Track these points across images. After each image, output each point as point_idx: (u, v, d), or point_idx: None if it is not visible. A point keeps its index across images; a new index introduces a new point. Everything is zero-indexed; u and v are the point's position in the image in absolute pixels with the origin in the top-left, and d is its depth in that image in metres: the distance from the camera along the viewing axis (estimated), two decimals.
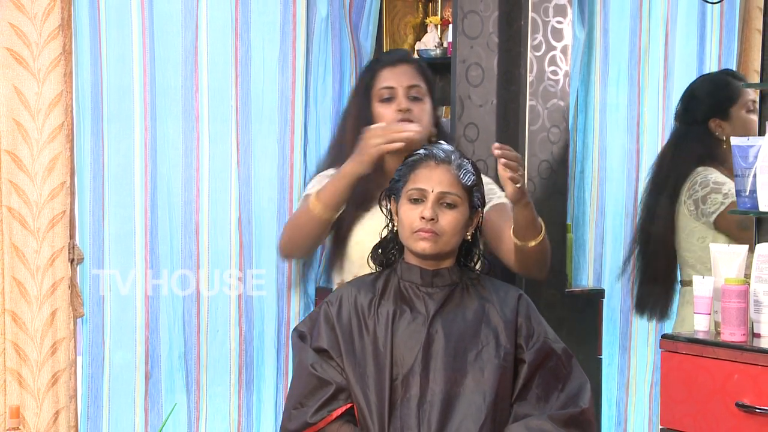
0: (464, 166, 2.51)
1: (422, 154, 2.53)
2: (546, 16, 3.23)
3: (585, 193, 3.78)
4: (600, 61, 3.79)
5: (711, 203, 3.18)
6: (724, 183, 3.19)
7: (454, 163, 2.50)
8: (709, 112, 3.28)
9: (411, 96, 2.79)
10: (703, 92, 3.32)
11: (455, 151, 2.55)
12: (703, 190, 3.20)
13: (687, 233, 3.24)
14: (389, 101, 2.78)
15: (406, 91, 2.78)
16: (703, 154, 3.27)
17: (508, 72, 3.24)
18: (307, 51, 3.33)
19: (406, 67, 2.82)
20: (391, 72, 2.80)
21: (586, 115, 3.80)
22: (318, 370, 2.45)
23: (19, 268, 2.68)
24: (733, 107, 3.28)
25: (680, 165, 3.28)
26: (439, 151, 2.52)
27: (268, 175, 3.29)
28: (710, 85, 3.34)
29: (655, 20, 3.88)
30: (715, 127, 3.27)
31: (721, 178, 3.21)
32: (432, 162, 2.50)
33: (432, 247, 2.46)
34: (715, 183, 3.20)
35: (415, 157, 2.54)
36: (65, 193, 2.72)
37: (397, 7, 3.66)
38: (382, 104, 2.79)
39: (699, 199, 3.20)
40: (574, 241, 3.67)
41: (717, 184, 3.19)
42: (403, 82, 2.79)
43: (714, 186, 3.19)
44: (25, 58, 2.66)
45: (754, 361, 2.49)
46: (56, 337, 2.72)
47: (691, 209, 3.22)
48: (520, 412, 2.44)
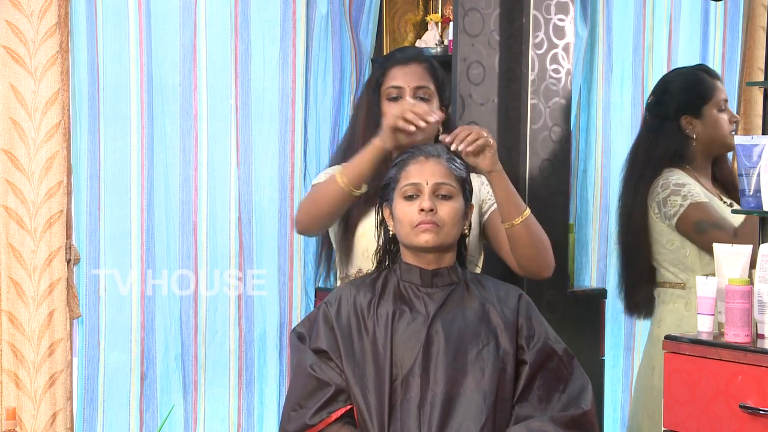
0: (454, 159, 2.54)
1: (410, 152, 2.54)
2: (548, 13, 3.21)
3: (588, 193, 3.76)
4: (603, 59, 3.77)
5: (671, 205, 3.16)
6: (685, 185, 3.16)
7: (444, 156, 2.51)
8: (682, 108, 3.24)
9: (418, 96, 2.80)
10: (677, 88, 3.28)
11: (442, 147, 2.56)
12: (664, 192, 3.17)
13: (656, 235, 3.22)
14: (396, 100, 2.80)
15: (413, 91, 2.80)
16: (674, 154, 3.24)
17: (510, 70, 3.22)
18: (307, 49, 3.32)
19: (416, 67, 2.83)
20: (401, 71, 2.82)
21: (588, 113, 3.78)
22: (317, 372, 2.44)
23: (16, 269, 2.67)
24: (705, 105, 3.24)
25: (650, 166, 3.25)
26: (426, 147, 2.56)
27: (268, 174, 3.29)
28: (684, 81, 3.30)
29: (659, 18, 3.87)
30: (686, 125, 3.24)
31: (682, 179, 3.18)
32: (421, 157, 2.51)
33: (434, 239, 2.46)
34: (675, 185, 3.17)
35: (403, 156, 2.54)
36: (62, 192, 2.70)
37: (398, 5, 3.64)
38: (389, 102, 2.81)
39: (661, 201, 3.18)
40: (577, 240, 3.65)
41: (677, 186, 3.16)
42: (411, 82, 2.80)
43: (674, 188, 3.16)
44: (22, 55, 2.64)
45: (759, 362, 2.47)
46: (53, 338, 2.70)
47: (656, 212, 3.20)
48: (522, 413, 2.43)
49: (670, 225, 3.16)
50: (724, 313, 2.61)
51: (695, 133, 3.23)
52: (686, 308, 3.15)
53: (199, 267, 3.17)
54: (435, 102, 2.83)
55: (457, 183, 2.51)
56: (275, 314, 3.30)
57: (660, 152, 3.23)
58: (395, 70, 2.82)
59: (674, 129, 3.23)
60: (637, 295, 3.31)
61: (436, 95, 2.83)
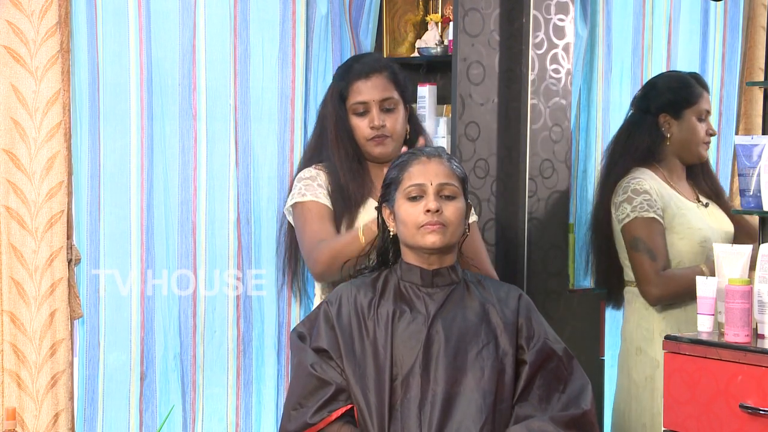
0: (453, 158, 2.57)
1: (411, 153, 2.54)
2: (548, 13, 3.21)
3: (587, 193, 3.75)
4: (603, 59, 3.77)
5: (621, 211, 3.19)
6: (641, 193, 3.17)
7: (444, 155, 2.52)
8: (663, 106, 3.27)
9: (384, 108, 2.93)
10: (664, 85, 3.32)
11: (441, 147, 2.62)
12: (622, 196, 3.22)
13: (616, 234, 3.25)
14: (363, 115, 2.93)
15: (379, 104, 2.92)
16: (646, 150, 3.26)
17: (510, 70, 3.22)
18: (306, 49, 3.32)
19: (378, 78, 2.94)
20: (364, 85, 2.93)
21: (588, 113, 3.78)
22: (318, 371, 2.44)
23: (17, 269, 2.66)
24: (687, 109, 3.27)
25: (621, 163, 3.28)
26: (425, 148, 2.59)
27: (267, 174, 3.28)
28: (673, 81, 3.34)
29: (658, 18, 3.86)
30: (663, 122, 3.26)
31: (643, 185, 3.19)
32: (423, 157, 2.51)
33: (441, 240, 2.46)
34: (633, 191, 3.19)
35: (402, 158, 2.54)
36: (63, 192, 2.70)
37: (398, 5, 3.64)
38: (357, 117, 2.94)
39: (617, 203, 3.22)
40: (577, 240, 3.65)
41: (634, 193, 3.18)
42: (376, 96, 2.92)
43: (630, 195, 3.19)
44: (23, 55, 2.64)
45: (758, 362, 2.48)
46: (55, 338, 2.70)
47: (614, 212, 3.24)
48: (522, 413, 2.44)
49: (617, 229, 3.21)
50: (724, 313, 2.61)
51: (670, 132, 3.26)
52: (645, 307, 3.19)
53: (198, 267, 3.16)
54: (401, 108, 2.95)
55: (459, 183, 2.51)
56: (274, 314, 3.30)
57: (633, 147, 3.27)
58: (358, 84, 2.93)
59: (651, 125, 3.27)
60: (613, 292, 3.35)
61: (400, 101, 2.96)
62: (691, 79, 3.34)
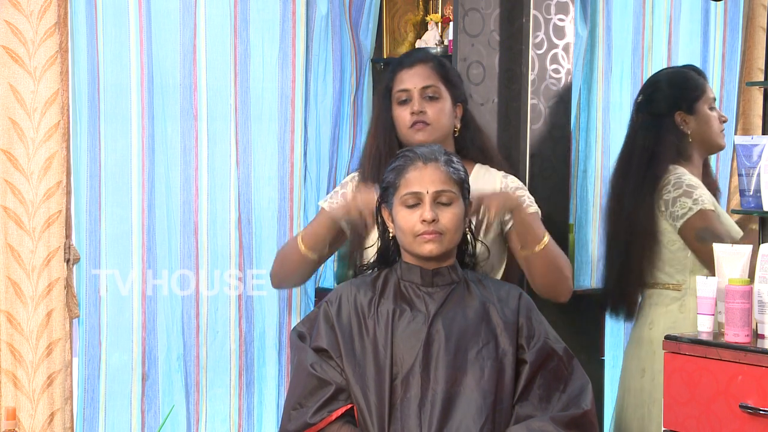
0: (451, 160, 2.52)
1: (408, 156, 2.51)
2: (548, 13, 3.21)
3: (588, 193, 3.75)
4: (603, 59, 3.76)
5: (680, 207, 3.11)
6: (697, 187, 3.13)
7: (441, 159, 2.49)
8: (675, 104, 3.22)
9: (427, 96, 2.84)
10: (668, 84, 3.26)
11: (439, 147, 2.55)
12: (676, 191, 3.12)
13: (657, 234, 3.17)
14: (406, 103, 2.84)
15: (421, 92, 2.83)
16: (675, 152, 3.21)
17: (510, 70, 3.22)
18: (307, 49, 3.32)
19: (421, 68, 2.86)
20: (407, 74, 2.86)
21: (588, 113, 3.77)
22: (318, 371, 2.44)
23: (14, 268, 2.67)
24: (698, 102, 3.22)
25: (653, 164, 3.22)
26: (423, 149, 2.53)
27: (267, 174, 3.28)
28: (675, 78, 3.28)
29: (659, 18, 3.86)
30: (681, 121, 3.22)
31: (693, 181, 3.15)
32: (419, 162, 2.49)
33: (438, 248, 2.46)
34: (688, 185, 3.12)
35: (399, 161, 2.52)
36: (61, 192, 2.70)
37: (398, 5, 3.64)
38: (399, 106, 2.85)
39: (670, 200, 3.13)
40: (577, 240, 3.64)
41: (690, 187, 3.12)
42: (418, 83, 2.84)
43: (687, 189, 3.11)
44: (21, 56, 2.64)
45: (758, 362, 2.47)
46: (52, 338, 2.70)
47: (662, 209, 3.15)
48: (522, 413, 2.43)
49: (674, 226, 3.13)
50: (724, 313, 2.60)
51: (689, 129, 3.21)
52: (680, 310, 3.11)
53: (199, 267, 3.16)
54: (446, 100, 2.85)
55: (457, 187, 2.50)
56: (275, 314, 3.30)
57: (662, 148, 3.20)
58: (402, 73, 2.86)
59: (670, 125, 3.21)
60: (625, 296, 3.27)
61: (447, 93, 2.85)
62: (689, 71, 3.31)
